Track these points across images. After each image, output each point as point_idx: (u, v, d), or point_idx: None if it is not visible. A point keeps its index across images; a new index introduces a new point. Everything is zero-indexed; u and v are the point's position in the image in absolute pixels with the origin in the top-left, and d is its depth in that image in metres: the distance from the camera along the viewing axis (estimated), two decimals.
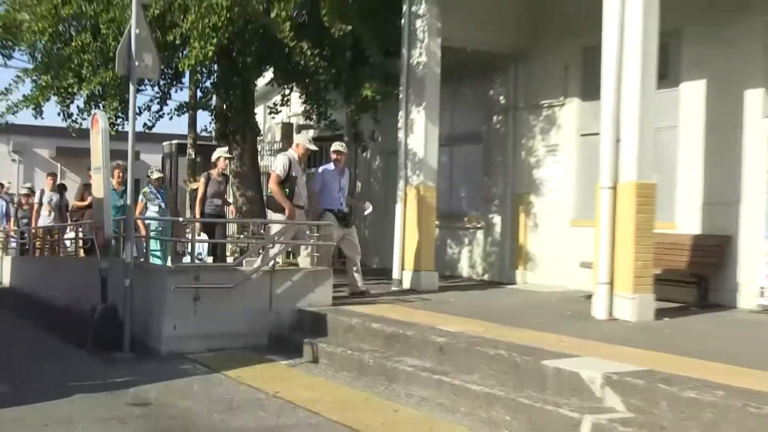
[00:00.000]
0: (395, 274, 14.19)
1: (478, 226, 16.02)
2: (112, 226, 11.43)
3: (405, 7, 14.28)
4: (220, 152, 13.79)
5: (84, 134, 13.28)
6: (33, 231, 18.40)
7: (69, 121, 15.04)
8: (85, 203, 14.00)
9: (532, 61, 16.12)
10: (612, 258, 10.72)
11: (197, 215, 13.43)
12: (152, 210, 14.43)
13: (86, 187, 13.89)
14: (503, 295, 13.46)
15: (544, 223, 15.66)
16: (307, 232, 12.67)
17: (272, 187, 11.58)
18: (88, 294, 11.64)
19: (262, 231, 13.44)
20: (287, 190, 11.59)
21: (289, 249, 13.28)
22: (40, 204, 15.59)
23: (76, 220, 14.22)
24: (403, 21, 14.35)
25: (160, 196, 14.44)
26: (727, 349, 8.30)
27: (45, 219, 17.24)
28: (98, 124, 10.85)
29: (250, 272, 11.40)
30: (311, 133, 12.57)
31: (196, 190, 13.57)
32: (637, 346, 8.28)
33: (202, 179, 13.70)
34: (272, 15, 13.04)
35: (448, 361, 8.52)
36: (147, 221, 13.94)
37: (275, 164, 11.76)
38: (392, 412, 7.56)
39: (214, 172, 13.57)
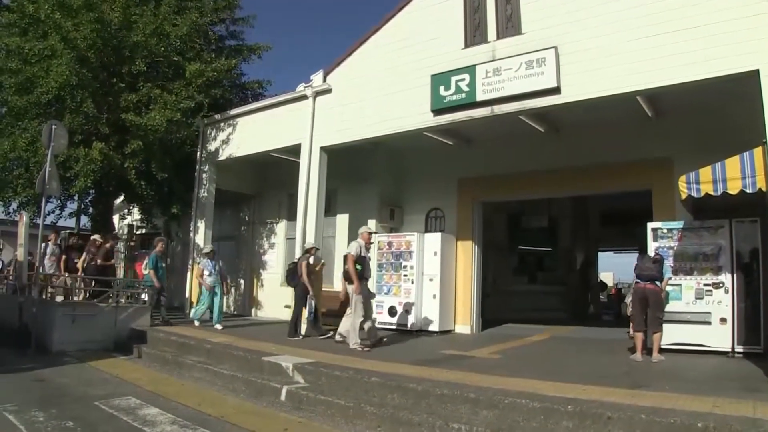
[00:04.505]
0: (188, 309, 13.67)
1: (232, 285, 15.51)
2: (25, 278, 11.35)
3: (198, 166, 14.54)
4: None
5: (15, 224, 13.74)
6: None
7: (8, 216, 14.67)
8: (109, 263, 12.68)
9: (263, 198, 16.29)
10: None
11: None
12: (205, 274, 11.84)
13: (108, 252, 12.63)
14: (246, 322, 13.31)
15: (267, 285, 15.59)
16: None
17: (350, 266, 9.10)
18: (13, 316, 10.96)
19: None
20: (359, 266, 9.21)
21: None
22: (44, 255, 12.72)
23: (98, 274, 12.56)
24: (196, 173, 14.54)
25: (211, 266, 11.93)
26: (353, 349, 8.99)
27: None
28: (23, 220, 11.16)
29: (105, 307, 11.30)
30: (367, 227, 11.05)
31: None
32: (311, 349, 8.85)
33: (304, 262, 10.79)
34: (125, 166, 13.19)
35: (212, 358, 8.75)
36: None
37: (351, 248, 9.40)
38: (180, 385, 7.84)
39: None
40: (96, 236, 13.33)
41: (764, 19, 6.83)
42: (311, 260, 10.93)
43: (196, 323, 11.79)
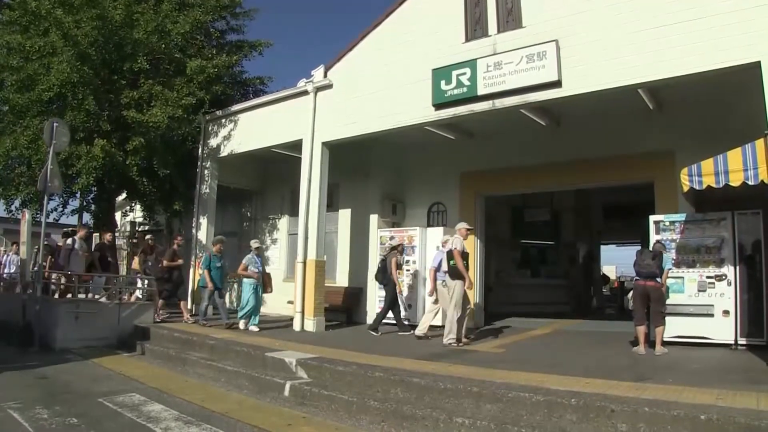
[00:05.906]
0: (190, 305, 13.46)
1: (235, 281, 15.22)
2: (28, 275, 11.19)
3: (199, 163, 14.46)
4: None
5: (17, 222, 13.44)
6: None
7: (10, 214, 14.40)
8: (176, 263, 12.32)
9: (265, 194, 16.36)
10: (303, 298, 11.36)
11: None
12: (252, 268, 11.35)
13: (175, 252, 12.23)
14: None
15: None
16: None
17: (458, 261, 8.84)
18: (17, 313, 10.87)
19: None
20: (466, 263, 9.05)
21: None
22: (72, 249, 11.95)
23: (168, 276, 12.23)
24: (198, 170, 14.47)
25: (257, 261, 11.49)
26: (356, 344, 9.16)
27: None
28: (25, 217, 11.17)
29: (108, 304, 11.37)
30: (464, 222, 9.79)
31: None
32: (315, 345, 8.89)
33: None
34: (127, 163, 13.17)
35: (215, 354, 8.81)
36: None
37: (454, 244, 9.01)
38: (184, 381, 7.88)
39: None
40: (149, 236, 13.39)
41: (765, 11, 6.78)
42: (399, 257, 11.19)
43: (254, 328, 11.14)
